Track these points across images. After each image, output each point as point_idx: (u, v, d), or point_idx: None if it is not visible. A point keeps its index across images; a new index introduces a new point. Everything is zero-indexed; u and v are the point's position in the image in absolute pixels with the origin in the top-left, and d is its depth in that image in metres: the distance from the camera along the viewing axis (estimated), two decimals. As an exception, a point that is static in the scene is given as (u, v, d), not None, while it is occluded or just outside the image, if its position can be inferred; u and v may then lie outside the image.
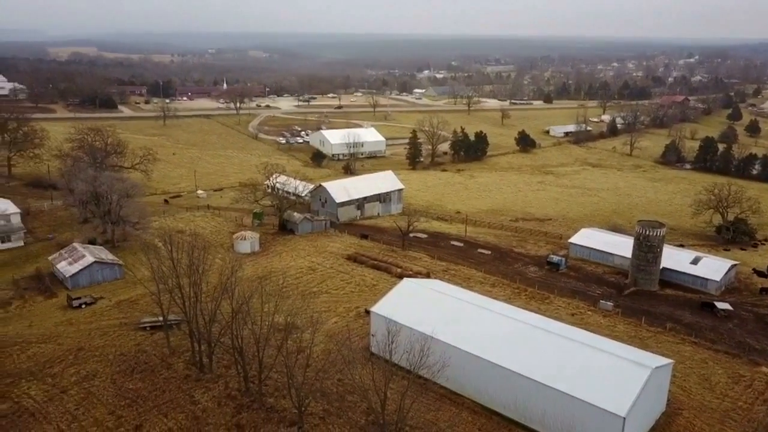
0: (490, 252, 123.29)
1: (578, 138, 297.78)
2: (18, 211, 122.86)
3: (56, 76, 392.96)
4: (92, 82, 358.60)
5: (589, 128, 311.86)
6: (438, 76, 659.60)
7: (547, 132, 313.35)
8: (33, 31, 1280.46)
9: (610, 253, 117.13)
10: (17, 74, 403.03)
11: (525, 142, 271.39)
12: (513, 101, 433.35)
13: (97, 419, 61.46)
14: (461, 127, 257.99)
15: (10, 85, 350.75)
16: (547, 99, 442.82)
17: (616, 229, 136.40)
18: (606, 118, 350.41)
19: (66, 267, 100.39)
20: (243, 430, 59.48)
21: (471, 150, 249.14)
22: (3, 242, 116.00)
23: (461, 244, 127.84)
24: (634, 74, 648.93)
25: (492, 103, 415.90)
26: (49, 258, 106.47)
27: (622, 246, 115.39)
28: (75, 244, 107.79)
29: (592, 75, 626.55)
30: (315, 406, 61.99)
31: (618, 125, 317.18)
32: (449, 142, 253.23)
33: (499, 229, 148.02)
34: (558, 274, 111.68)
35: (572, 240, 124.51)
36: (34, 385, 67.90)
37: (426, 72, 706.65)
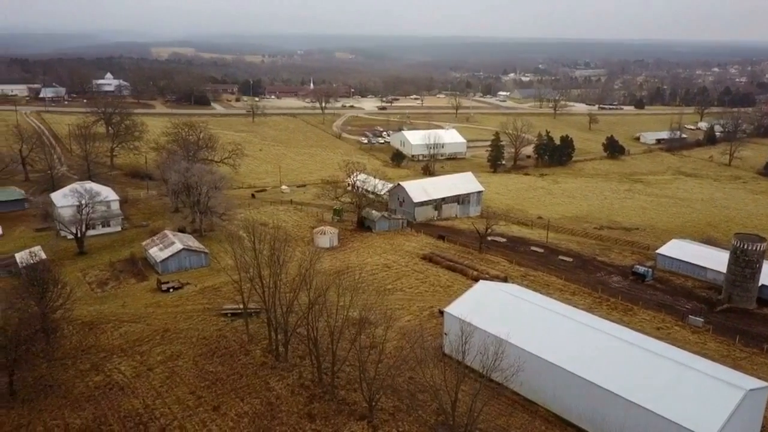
0: (571, 259, 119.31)
1: (671, 145, 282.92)
2: (117, 198, 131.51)
3: (157, 74, 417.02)
4: (188, 80, 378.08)
5: (684, 136, 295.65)
6: (524, 78, 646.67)
7: (638, 138, 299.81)
8: (139, 32, 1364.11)
9: (703, 267, 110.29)
10: (122, 72, 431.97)
11: (613, 148, 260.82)
12: (602, 106, 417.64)
13: (179, 397, 64.54)
14: (546, 131, 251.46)
15: (115, 82, 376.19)
16: (639, 104, 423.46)
17: (709, 241, 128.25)
18: (703, 125, 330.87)
19: (157, 253, 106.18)
20: (314, 420, 60.55)
21: (555, 154, 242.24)
22: (103, 227, 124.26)
23: (541, 250, 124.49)
24: (737, 80, 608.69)
25: (579, 107, 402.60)
26: (143, 243, 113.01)
27: (715, 259, 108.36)
28: (166, 232, 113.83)
29: (690, 80, 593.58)
30: (385, 402, 62.21)
31: (716, 133, 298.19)
32: (533, 146, 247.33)
33: (583, 236, 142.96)
34: (643, 285, 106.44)
35: (660, 251, 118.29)
36: (125, 361, 72.28)
37: (511, 75, 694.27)
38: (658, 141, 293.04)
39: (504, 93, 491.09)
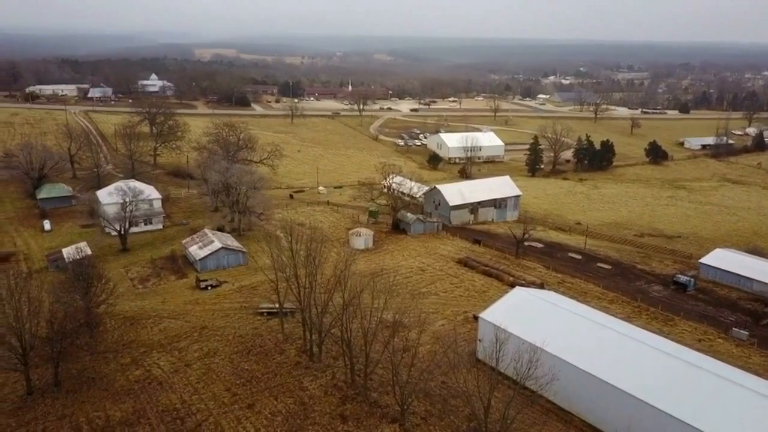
0: (610, 267, 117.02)
1: (717, 151, 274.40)
2: (160, 196, 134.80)
3: (199, 75, 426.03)
4: (230, 81, 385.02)
5: (730, 141, 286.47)
6: (564, 81, 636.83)
7: (682, 144, 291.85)
8: (184, 33, 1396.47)
9: (748, 278, 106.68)
10: (166, 73, 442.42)
11: (656, 154, 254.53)
12: (644, 110, 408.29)
13: (215, 394, 65.81)
14: (586, 135, 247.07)
15: (160, 83, 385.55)
16: (684, 108, 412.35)
17: (756, 252, 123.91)
18: (752, 130, 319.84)
19: (196, 251, 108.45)
20: (346, 421, 60.95)
21: (596, 159, 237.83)
22: (145, 224, 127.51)
23: (579, 257, 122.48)
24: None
25: (621, 111, 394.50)
26: (183, 241, 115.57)
27: (762, 270, 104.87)
28: (205, 230, 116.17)
29: (738, 84, 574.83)
30: (417, 406, 62.21)
31: (765, 139, 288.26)
32: (572, 150, 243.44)
33: (622, 243, 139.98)
34: (685, 295, 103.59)
35: (704, 260, 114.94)
36: (163, 357, 74.08)
37: (552, 77, 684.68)
38: (704, 146, 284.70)
39: (543, 96, 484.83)
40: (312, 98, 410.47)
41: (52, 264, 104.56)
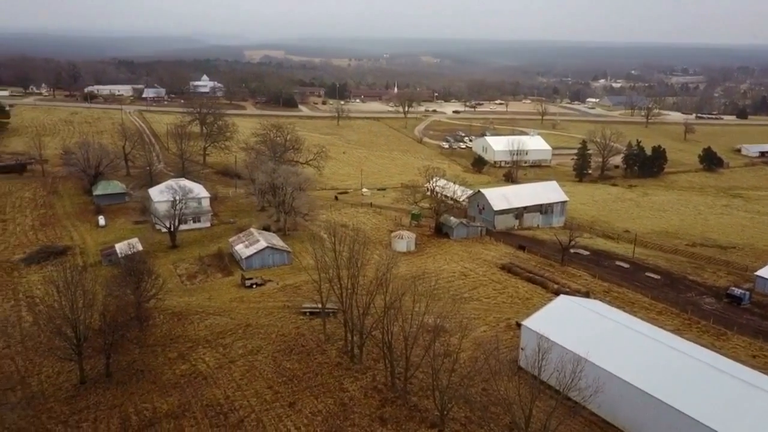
0: (659, 277, 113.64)
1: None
2: (208, 195, 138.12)
3: (248, 76, 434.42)
4: (278, 83, 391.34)
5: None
6: (615, 85, 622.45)
7: (739, 150, 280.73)
8: (235, 36, 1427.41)
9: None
10: (217, 74, 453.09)
11: (710, 161, 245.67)
12: (699, 115, 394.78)
13: (257, 391, 67.03)
14: (637, 140, 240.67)
15: (210, 84, 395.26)
16: (742, 114, 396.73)
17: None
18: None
19: (242, 249, 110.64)
20: (385, 424, 61.11)
21: (646, 165, 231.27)
22: (194, 222, 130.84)
23: (627, 266, 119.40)
24: None
25: (674, 116, 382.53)
26: (229, 240, 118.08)
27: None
28: (252, 230, 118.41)
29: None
30: (457, 412, 61.85)
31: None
32: (622, 156, 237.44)
33: (673, 253, 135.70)
34: (739, 309, 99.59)
35: (761, 273, 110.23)
36: (209, 352, 75.90)
37: (602, 81, 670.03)
38: (762, 154, 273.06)
39: (593, 100, 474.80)
40: (358, 100, 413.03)
41: (105, 259, 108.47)
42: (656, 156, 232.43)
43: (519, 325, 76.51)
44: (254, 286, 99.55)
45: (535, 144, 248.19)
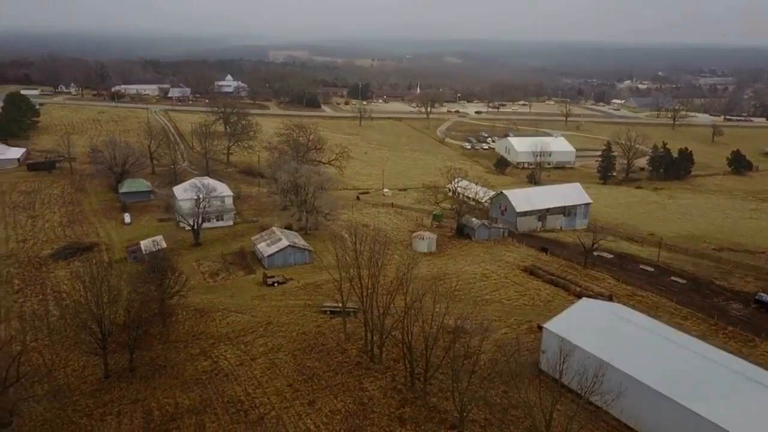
0: (685, 281, 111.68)
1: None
2: (231, 194, 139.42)
3: (272, 76, 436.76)
4: (301, 83, 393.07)
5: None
6: (640, 86, 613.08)
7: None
8: (259, 36, 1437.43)
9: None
10: (241, 74, 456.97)
11: (739, 164, 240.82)
12: (728, 117, 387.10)
13: (277, 389, 67.47)
14: (663, 143, 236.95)
15: (234, 84, 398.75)
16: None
17: None
18: None
19: (264, 248, 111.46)
20: (405, 424, 61.05)
21: (672, 168, 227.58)
22: (217, 220, 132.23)
23: (652, 269, 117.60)
24: None
25: (702, 117, 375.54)
26: (252, 238, 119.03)
27: None
28: (274, 228, 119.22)
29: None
30: (477, 414, 61.54)
31: None
32: (647, 158, 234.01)
33: (699, 257, 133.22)
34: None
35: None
36: (230, 350, 76.62)
37: (627, 82, 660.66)
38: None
39: (618, 101, 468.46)
40: (380, 100, 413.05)
41: (130, 255, 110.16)
42: (683, 158, 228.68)
43: (540, 328, 75.83)
44: (276, 284, 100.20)
45: (559, 145, 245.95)
